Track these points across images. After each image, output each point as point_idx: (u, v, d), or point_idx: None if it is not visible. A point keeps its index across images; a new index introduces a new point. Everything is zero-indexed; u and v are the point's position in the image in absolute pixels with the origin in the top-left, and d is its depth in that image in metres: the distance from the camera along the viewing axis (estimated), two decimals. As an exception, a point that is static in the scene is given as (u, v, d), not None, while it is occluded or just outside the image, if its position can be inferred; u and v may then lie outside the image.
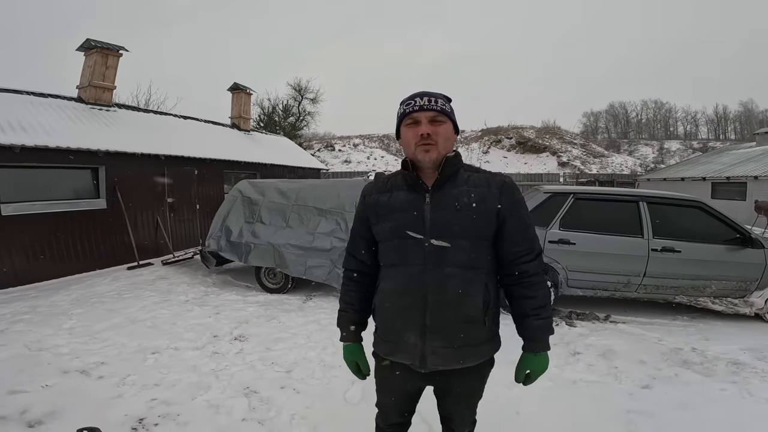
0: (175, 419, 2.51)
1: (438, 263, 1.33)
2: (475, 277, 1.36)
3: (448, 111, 1.37)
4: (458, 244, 1.33)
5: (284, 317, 4.52)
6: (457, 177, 1.39)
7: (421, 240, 1.34)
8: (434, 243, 1.33)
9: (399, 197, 1.41)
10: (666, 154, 35.53)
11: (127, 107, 9.60)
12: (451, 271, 1.33)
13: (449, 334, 1.35)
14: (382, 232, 1.42)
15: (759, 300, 4.37)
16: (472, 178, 1.40)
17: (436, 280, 1.33)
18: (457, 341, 1.36)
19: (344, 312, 1.56)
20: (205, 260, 6.14)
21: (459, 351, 1.37)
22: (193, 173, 8.94)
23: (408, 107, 1.36)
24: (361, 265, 1.53)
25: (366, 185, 1.55)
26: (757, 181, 13.53)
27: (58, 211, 6.39)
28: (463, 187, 1.37)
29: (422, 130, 1.32)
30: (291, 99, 28.03)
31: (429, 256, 1.33)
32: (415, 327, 1.36)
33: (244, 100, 13.47)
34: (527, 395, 2.65)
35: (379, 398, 1.64)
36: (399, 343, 1.41)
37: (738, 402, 2.79)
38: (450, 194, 1.36)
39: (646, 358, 3.47)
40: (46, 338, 3.81)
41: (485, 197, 1.36)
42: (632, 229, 4.53)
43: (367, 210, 1.47)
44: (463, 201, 1.35)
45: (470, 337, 1.37)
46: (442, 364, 1.38)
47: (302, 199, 5.72)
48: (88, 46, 8.23)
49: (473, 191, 1.36)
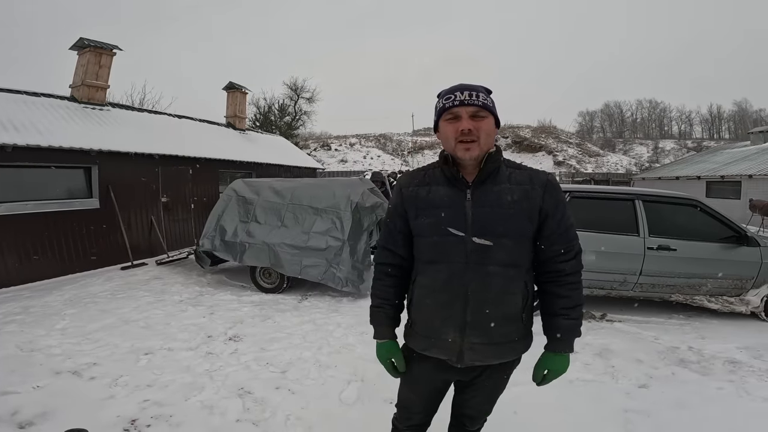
0: (167, 420, 2.48)
1: (480, 261, 1.30)
2: (517, 275, 1.34)
3: (489, 105, 1.32)
4: (501, 242, 1.31)
5: (279, 317, 4.49)
6: (498, 174, 1.36)
7: (463, 237, 1.31)
8: (476, 241, 1.30)
9: (438, 192, 1.36)
10: (661, 153, 35.73)
11: (120, 106, 9.52)
12: (493, 269, 1.31)
13: (488, 331, 1.34)
14: (421, 228, 1.38)
15: (755, 298, 4.37)
16: (514, 175, 1.37)
17: (479, 278, 1.31)
18: (496, 337, 1.35)
19: (379, 308, 1.50)
20: (199, 260, 6.09)
21: (498, 347, 1.36)
22: (188, 172, 8.87)
23: (448, 101, 1.31)
24: (398, 259, 1.48)
25: (401, 177, 1.51)
26: (751, 180, 13.62)
27: (51, 211, 6.33)
28: (505, 185, 1.34)
29: (463, 126, 1.28)
30: (287, 98, 28.01)
31: (471, 254, 1.31)
32: (455, 324, 1.34)
33: (240, 100, 13.41)
34: (524, 395, 2.63)
35: (403, 395, 1.61)
36: (437, 339, 1.38)
37: (735, 401, 2.78)
38: (492, 191, 1.33)
39: (643, 357, 3.47)
40: (38, 339, 3.76)
41: (528, 195, 1.33)
42: (628, 228, 4.52)
43: (405, 203, 1.42)
44: (506, 199, 1.32)
45: (509, 333, 1.36)
46: (479, 359, 1.38)
47: (297, 199, 5.69)
48: (81, 45, 8.15)
49: (516, 189, 1.33)
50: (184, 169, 8.78)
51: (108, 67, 8.52)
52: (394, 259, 1.48)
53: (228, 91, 13.27)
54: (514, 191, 1.32)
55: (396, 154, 35.38)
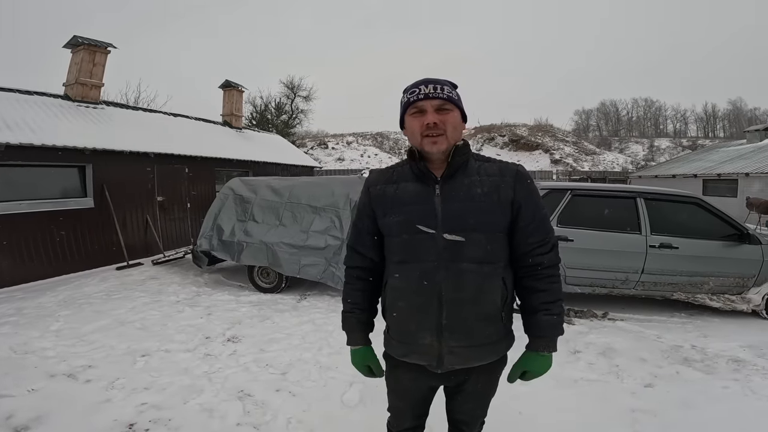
0: (166, 424, 2.42)
1: (452, 259, 1.25)
2: (493, 271, 1.28)
3: (455, 98, 1.29)
4: (473, 237, 1.25)
5: (278, 317, 4.43)
6: (467, 167, 1.31)
7: (433, 235, 1.26)
8: (447, 237, 1.25)
9: (407, 189, 1.32)
10: (656, 151, 35.86)
11: (115, 105, 9.43)
12: (467, 266, 1.25)
13: (467, 333, 1.28)
14: (389, 227, 1.33)
15: (756, 296, 4.35)
16: (483, 167, 1.32)
17: (452, 276, 1.25)
18: (476, 339, 1.29)
19: (350, 313, 1.44)
20: (197, 259, 6.02)
21: (478, 349, 1.30)
22: (184, 171, 8.79)
23: (412, 96, 1.27)
24: (367, 261, 1.43)
25: (369, 176, 1.46)
26: (748, 178, 13.66)
27: (45, 211, 6.24)
28: (474, 177, 1.29)
29: (428, 119, 1.24)
30: (284, 97, 27.88)
31: (443, 251, 1.25)
32: (430, 327, 1.28)
33: (236, 98, 13.32)
34: (530, 395, 2.60)
35: (391, 402, 1.56)
36: (414, 345, 1.32)
37: (741, 400, 2.74)
38: (461, 185, 1.28)
39: (647, 356, 3.43)
40: (32, 341, 3.69)
41: (498, 187, 1.28)
42: (630, 226, 4.50)
43: (373, 202, 1.38)
44: (475, 192, 1.27)
45: (488, 334, 1.30)
46: (459, 363, 1.31)
47: (296, 197, 5.63)
48: (75, 43, 8.05)
49: (486, 181, 1.29)
50: (180, 168, 8.70)
51: (102, 65, 8.42)
52: (364, 261, 1.43)
53: (224, 90, 13.18)
54: (484, 183, 1.28)
55: (393, 152, 35.32)
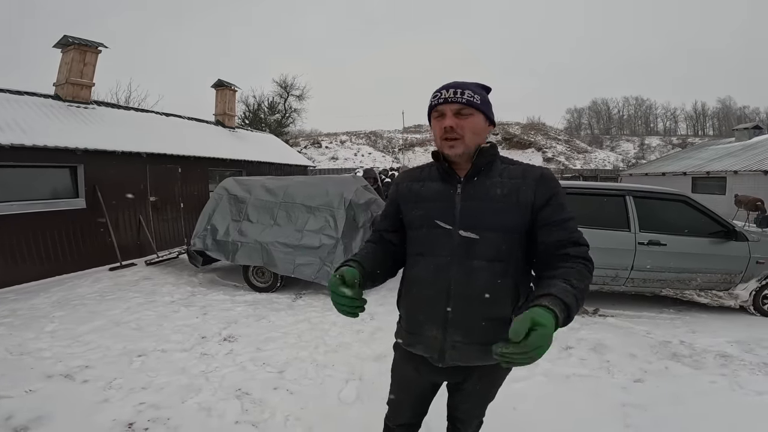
0: (165, 423, 2.44)
1: (465, 255, 1.28)
2: (504, 271, 1.28)
3: (475, 102, 1.29)
4: (487, 236, 1.27)
5: (274, 316, 4.45)
6: (491, 169, 1.33)
7: (450, 230, 1.30)
8: (462, 234, 1.28)
9: (431, 187, 1.38)
10: (647, 149, 36.23)
11: (106, 104, 9.34)
12: (478, 264, 1.27)
13: (471, 330, 1.30)
14: (411, 220, 1.39)
15: (743, 292, 4.45)
16: (507, 170, 1.33)
17: (463, 272, 1.28)
18: (478, 337, 1.29)
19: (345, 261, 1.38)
20: (192, 259, 6.01)
21: (480, 348, 1.29)
22: (177, 171, 8.75)
23: (435, 99, 1.32)
24: (380, 236, 1.49)
25: (399, 175, 1.52)
26: (736, 176, 13.88)
27: (36, 212, 6.17)
28: (496, 179, 1.31)
29: (446, 123, 1.28)
30: (277, 96, 27.78)
31: (457, 247, 1.29)
32: (437, 319, 1.32)
33: (229, 97, 13.26)
34: (524, 390, 2.66)
35: (392, 394, 1.60)
36: (420, 336, 1.37)
37: (729, 395, 2.82)
38: (482, 185, 1.31)
39: (637, 352, 3.51)
40: (27, 342, 3.68)
41: (519, 189, 1.29)
42: (619, 223, 4.57)
43: (399, 197, 1.45)
44: (495, 192, 1.29)
45: (493, 335, 1.23)
46: (460, 360, 1.33)
47: (290, 197, 5.64)
48: (66, 42, 7.96)
49: (507, 183, 1.30)
50: (173, 168, 8.65)
51: (93, 64, 8.32)
52: (379, 237, 1.50)
53: (217, 89, 13.11)
54: (505, 185, 1.29)
55: (387, 151, 35.32)
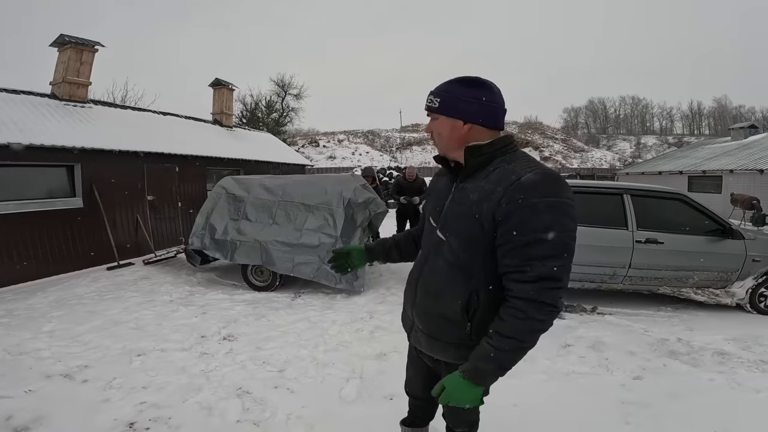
0: (166, 422, 2.44)
1: (435, 254, 1.36)
2: (460, 278, 1.26)
3: (433, 107, 1.30)
4: (451, 240, 1.29)
5: (273, 315, 4.45)
6: (484, 169, 1.26)
7: (434, 228, 1.38)
8: (438, 234, 1.35)
9: (439, 183, 1.47)
10: (643, 148, 36.38)
11: (103, 103, 9.31)
12: (441, 265, 1.33)
13: (427, 322, 1.40)
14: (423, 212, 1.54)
15: (740, 290, 4.48)
16: (495, 171, 1.21)
17: (429, 268, 1.38)
18: (433, 332, 1.38)
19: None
20: (190, 258, 6.00)
21: (430, 340, 1.40)
22: (174, 170, 8.72)
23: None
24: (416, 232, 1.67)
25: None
26: (732, 175, 13.96)
27: (33, 211, 6.14)
28: (480, 182, 1.23)
29: (426, 129, 1.40)
30: (274, 95, 27.76)
31: (433, 245, 1.37)
32: (410, 303, 1.49)
33: (226, 96, 13.21)
34: (524, 388, 2.67)
35: (407, 367, 1.75)
36: (405, 312, 1.55)
37: (727, 392, 2.84)
38: (465, 188, 1.27)
39: (635, 349, 3.53)
40: (25, 342, 3.66)
41: (488, 197, 1.18)
42: (617, 222, 4.59)
43: (429, 189, 1.58)
44: (468, 197, 1.24)
45: (444, 332, 1.34)
46: (418, 344, 1.47)
47: (289, 196, 5.63)
48: (62, 41, 7.91)
49: (484, 187, 1.21)
50: (171, 167, 8.63)
51: (90, 63, 8.28)
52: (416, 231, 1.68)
53: (214, 88, 13.06)
54: (480, 190, 1.21)
55: (384, 150, 35.31)
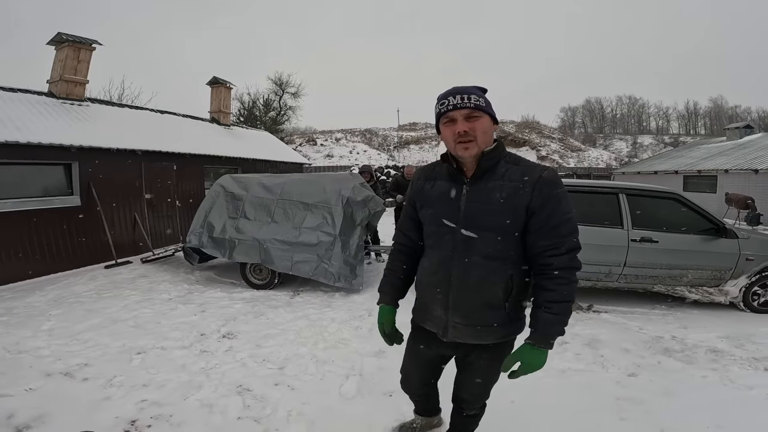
0: (168, 420, 2.46)
1: (464, 251, 1.44)
2: (499, 267, 1.43)
3: (482, 105, 1.39)
4: (485, 236, 1.42)
5: (272, 313, 4.48)
6: (495, 169, 1.43)
7: (454, 229, 1.45)
8: (463, 233, 1.42)
9: (441, 187, 1.52)
10: (639, 148, 36.47)
11: (100, 102, 9.29)
12: (475, 260, 1.43)
13: (468, 314, 1.49)
14: (424, 218, 1.58)
15: (733, 289, 4.54)
16: (509, 171, 1.42)
17: (461, 266, 1.45)
18: (475, 320, 1.49)
19: (387, 276, 1.72)
20: (188, 256, 6.01)
21: (475, 329, 1.50)
22: (172, 169, 8.72)
23: (443, 107, 1.41)
24: (408, 240, 1.69)
25: (415, 172, 1.66)
26: (727, 174, 14.05)
27: (31, 209, 6.14)
28: (498, 182, 1.41)
29: (458, 128, 1.39)
30: (272, 93, 27.72)
31: (458, 244, 1.45)
32: (441, 303, 1.53)
33: (224, 94, 13.18)
34: (521, 384, 2.68)
35: (404, 363, 1.81)
36: (428, 314, 1.60)
37: (720, 389, 2.88)
38: (485, 187, 1.42)
39: (630, 347, 3.58)
40: (25, 340, 3.67)
41: (516, 192, 1.39)
42: (612, 221, 4.64)
43: (414, 195, 1.62)
44: (495, 195, 1.40)
45: (488, 319, 1.48)
46: (460, 337, 1.53)
47: (287, 194, 5.65)
48: (59, 39, 7.90)
49: (507, 186, 1.40)
50: (168, 165, 8.62)
51: (87, 62, 8.27)
52: (405, 240, 1.70)
53: (212, 86, 13.02)
54: (505, 188, 1.40)
55: (382, 148, 35.31)
